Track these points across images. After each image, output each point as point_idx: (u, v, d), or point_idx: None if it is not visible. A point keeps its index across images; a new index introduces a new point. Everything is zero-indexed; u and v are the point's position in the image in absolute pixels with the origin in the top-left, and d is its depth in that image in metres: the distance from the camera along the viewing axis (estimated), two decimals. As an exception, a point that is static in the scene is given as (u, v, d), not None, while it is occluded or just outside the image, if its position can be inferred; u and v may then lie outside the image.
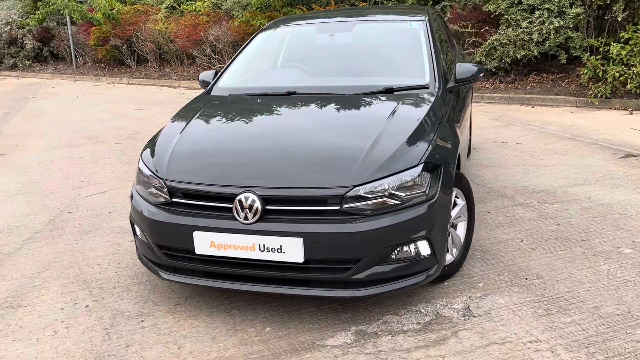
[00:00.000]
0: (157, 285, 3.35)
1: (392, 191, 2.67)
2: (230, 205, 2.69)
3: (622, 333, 2.67)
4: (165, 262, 2.94)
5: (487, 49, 9.27)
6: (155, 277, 3.30)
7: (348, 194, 2.62)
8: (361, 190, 2.63)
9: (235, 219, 2.68)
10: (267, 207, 2.67)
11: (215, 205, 2.76)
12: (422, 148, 2.84)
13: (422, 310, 2.95)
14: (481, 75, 3.71)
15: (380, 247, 2.64)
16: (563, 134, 6.67)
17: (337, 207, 2.62)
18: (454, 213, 3.25)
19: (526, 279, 3.24)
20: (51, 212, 4.80)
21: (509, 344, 2.63)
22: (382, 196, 2.66)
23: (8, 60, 18.39)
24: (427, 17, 4.03)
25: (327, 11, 5.17)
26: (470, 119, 6.00)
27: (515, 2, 8.98)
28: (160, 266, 3.01)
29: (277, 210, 2.68)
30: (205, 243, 2.74)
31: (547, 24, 8.60)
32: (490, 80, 9.69)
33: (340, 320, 2.89)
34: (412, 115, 3.10)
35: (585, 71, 8.38)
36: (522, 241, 3.74)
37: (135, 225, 3.13)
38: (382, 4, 11.96)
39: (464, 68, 3.66)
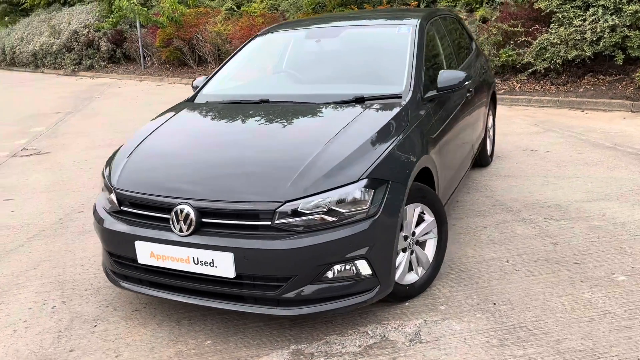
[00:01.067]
0: (124, 290, 3.41)
1: (330, 207, 2.56)
2: (169, 216, 2.69)
3: (575, 373, 2.42)
4: (117, 269, 2.99)
5: (536, 49, 8.77)
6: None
7: (279, 209, 2.53)
8: (294, 206, 2.53)
9: (172, 231, 2.67)
10: (203, 220, 2.64)
11: (155, 216, 2.76)
12: (367, 162, 2.69)
13: (370, 332, 2.81)
14: (467, 82, 3.48)
15: (311, 266, 2.53)
16: (603, 142, 6.17)
17: (269, 223, 2.55)
18: (419, 230, 3.08)
19: (494, 303, 3.01)
20: (64, 210, 5.03)
21: (444, 376, 2.45)
22: (319, 212, 2.55)
23: (86, 62, 19.51)
24: (419, 22, 3.83)
25: (324, 16, 5.06)
26: (492, 126, 5.70)
27: (569, -1, 8.43)
28: (116, 274, 3.06)
29: (211, 224, 2.64)
30: (146, 253, 2.75)
31: (601, 22, 8.00)
32: (541, 82, 9.15)
33: (283, 337, 2.81)
34: (369, 126, 2.95)
35: (642, 73, 7.73)
36: (507, 261, 3.49)
37: (100, 233, 3.20)
38: (434, 4, 11.64)
39: (448, 75, 3.45)
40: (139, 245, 2.76)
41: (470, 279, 3.30)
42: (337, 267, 2.60)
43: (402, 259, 2.99)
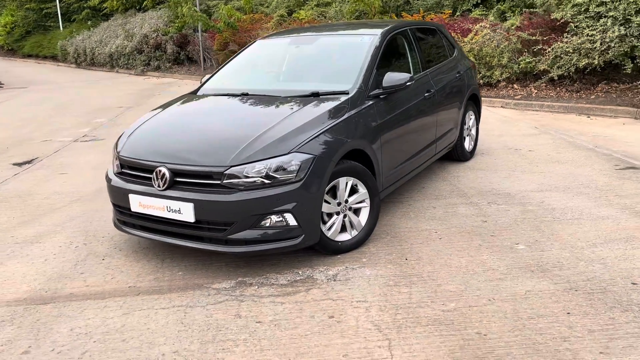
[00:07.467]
0: (130, 237, 4.38)
1: (267, 172, 3.40)
2: (151, 176, 3.62)
3: (439, 304, 3.14)
4: (119, 217, 3.96)
5: (551, 57, 9.20)
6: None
7: (227, 171, 3.40)
8: (238, 170, 3.39)
9: (153, 186, 3.60)
10: (176, 179, 3.56)
11: (143, 175, 3.71)
12: (298, 140, 3.51)
13: (300, 272, 3.63)
14: (408, 83, 4.22)
15: (247, 215, 3.38)
16: (586, 145, 6.65)
17: (219, 182, 3.42)
18: (352, 199, 3.86)
19: (406, 259, 3.75)
20: (103, 184, 6.11)
21: (339, 301, 3.23)
22: (258, 176, 3.40)
23: (153, 63, 21.22)
24: (380, 33, 4.60)
25: (310, 27, 5.88)
26: (474, 126, 6.30)
27: (582, 9, 8.82)
28: (119, 221, 4.03)
29: (181, 182, 3.54)
30: (136, 203, 3.69)
31: (609, 32, 8.37)
32: (557, 89, 9.56)
33: (235, 272, 3.68)
34: (309, 113, 3.77)
35: (647, 82, 8.04)
36: (436, 232, 4.20)
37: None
38: (469, 12, 12.17)
39: (392, 77, 4.20)
40: (131, 197, 3.70)
41: (398, 242, 4.04)
42: (271, 217, 3.43)
43: (335, 220, 3.80)
